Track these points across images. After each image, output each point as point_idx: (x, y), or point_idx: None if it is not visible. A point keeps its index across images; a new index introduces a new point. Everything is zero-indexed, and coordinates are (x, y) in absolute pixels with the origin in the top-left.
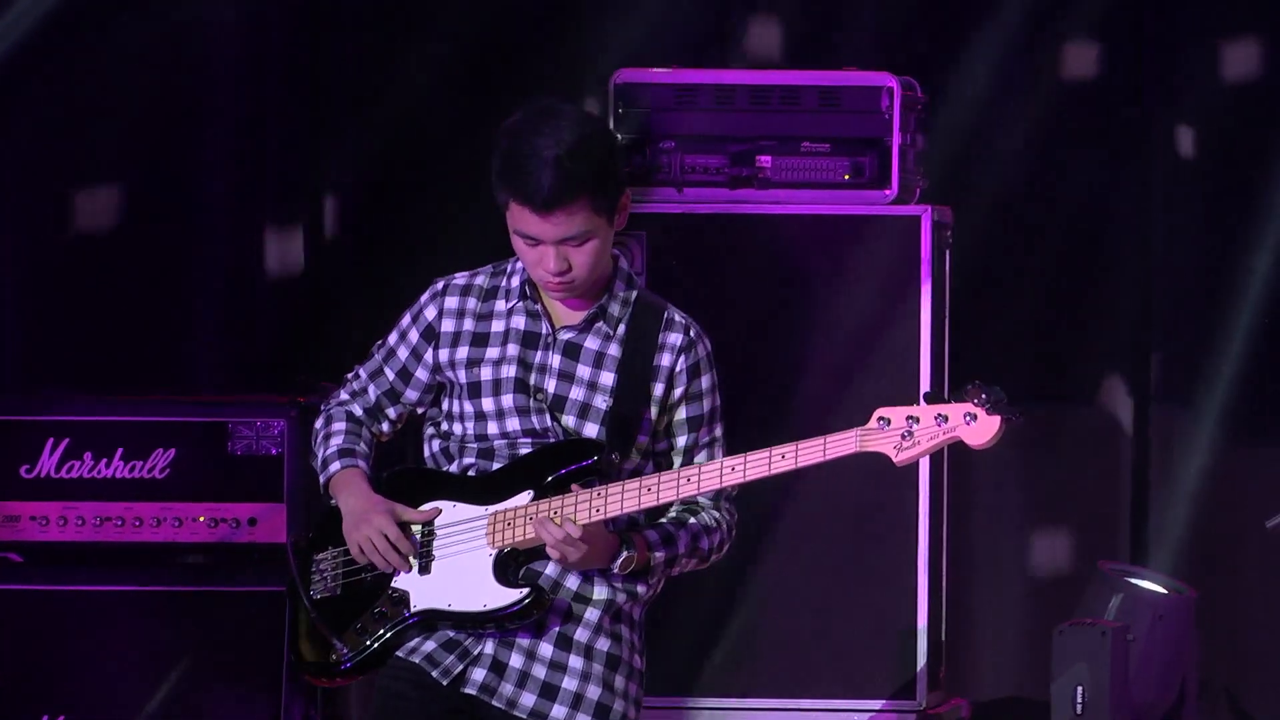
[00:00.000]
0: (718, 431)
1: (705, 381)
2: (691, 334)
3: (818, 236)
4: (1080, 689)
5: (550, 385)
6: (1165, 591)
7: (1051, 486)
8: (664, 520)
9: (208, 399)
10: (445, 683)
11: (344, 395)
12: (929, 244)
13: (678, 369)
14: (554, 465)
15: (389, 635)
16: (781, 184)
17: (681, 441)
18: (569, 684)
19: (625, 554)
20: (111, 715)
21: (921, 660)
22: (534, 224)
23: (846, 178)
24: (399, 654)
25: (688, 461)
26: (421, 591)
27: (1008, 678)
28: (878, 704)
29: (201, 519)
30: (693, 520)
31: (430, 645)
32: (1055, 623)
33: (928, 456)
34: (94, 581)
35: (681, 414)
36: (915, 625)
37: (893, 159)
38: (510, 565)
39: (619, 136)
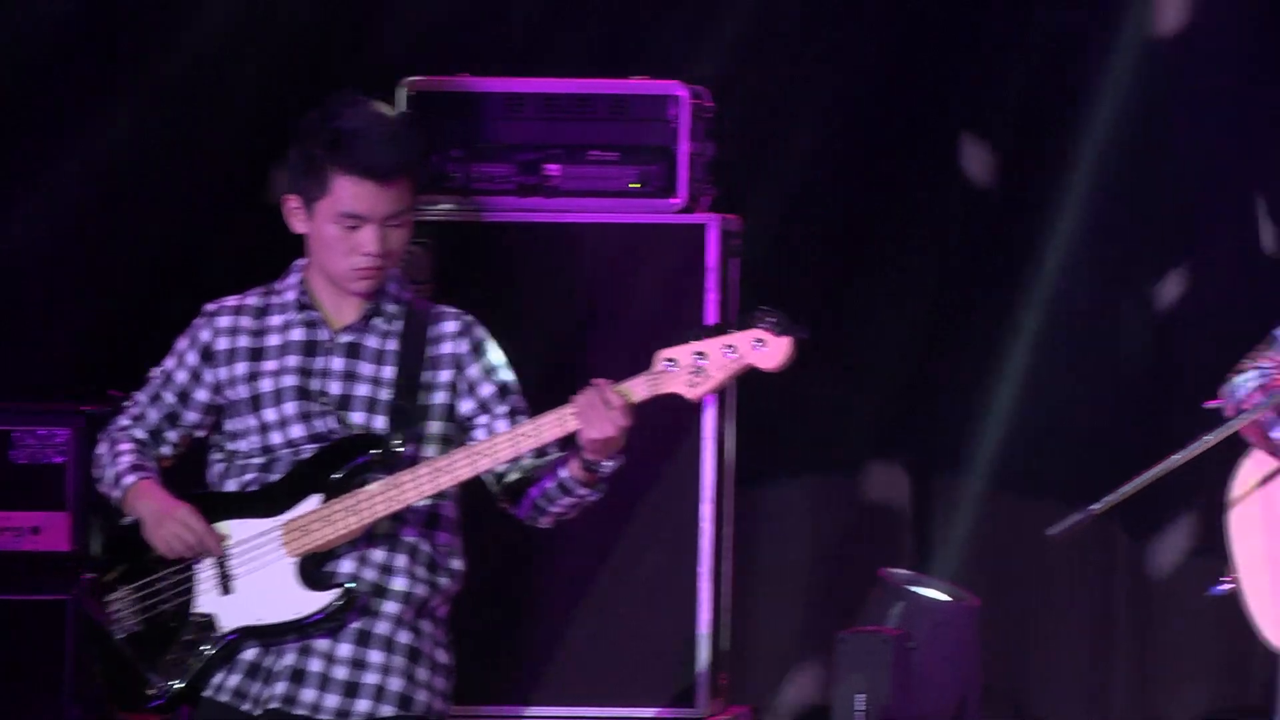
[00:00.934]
0: (525, 402)
1: (495, 356)
2: (465, 319)
3: (606, 245)
4: (862, 696)
5: (334, 387)
6: (947, 599)
7: (836, 493)
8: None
9: None
10: (258, 713)
11: (124, 421)
12: (716, 252)
13: (461, 351)
14: (336, 464)
15: (203, 661)
16: (570, 192)
17: (502, 409)
18: (370, 678)
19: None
20: None
21: (702, 667)
22: (367, 198)
23: (634, 186)
24: (206, 694)
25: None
26: (228, 611)
27: (792, 685)
28: (658, 711)
29: None
30: None
31: (235, 679)
32: (839, 630)
33: (710, 463)
34: None
35: (488, 389)
36: (697, 632)
37: (680, 168)
38: (313, 570)
39: None
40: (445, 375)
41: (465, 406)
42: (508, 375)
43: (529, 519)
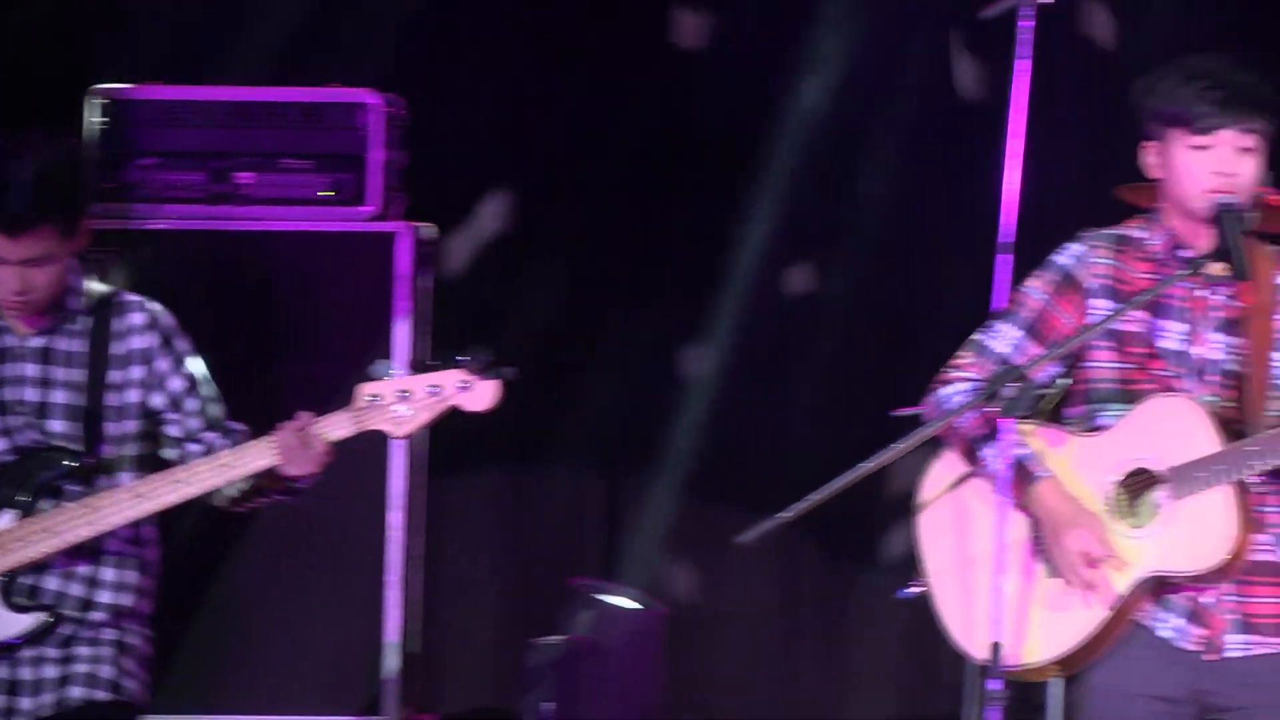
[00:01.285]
0: (216, 389)
1: (184, 344)
2: (152, 309)
3: (298, 253)
4: (550, 703)
5: (29, 395)
6: (636, 607)
7: (530, 499)
8: None
9: None
10: None
11: None
12: (408, 261)
13: (150, 345)
14: (25, 480)
15: None
16: (261, 200)
17: (193, 405)
18: (80, 668)
19: None
20: None
21: (390, 674)
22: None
23: (325, 194)
24: None
25: (210, 417)
26: None
27: (485, 692)
28: None
29: None
30: None
31: None
32: (532, 637)
33: (400, 469)
34: None
35: (178, 383)
36: (384, 640)
37: (372, 176)
38: (14, 589)
39: (99, 153)
40: (137, 372)
41: (156, 400)
42: (197, 366)
43: (221, 507)
